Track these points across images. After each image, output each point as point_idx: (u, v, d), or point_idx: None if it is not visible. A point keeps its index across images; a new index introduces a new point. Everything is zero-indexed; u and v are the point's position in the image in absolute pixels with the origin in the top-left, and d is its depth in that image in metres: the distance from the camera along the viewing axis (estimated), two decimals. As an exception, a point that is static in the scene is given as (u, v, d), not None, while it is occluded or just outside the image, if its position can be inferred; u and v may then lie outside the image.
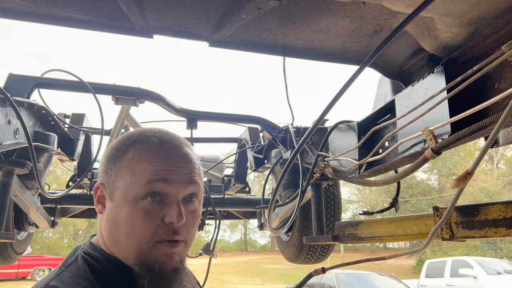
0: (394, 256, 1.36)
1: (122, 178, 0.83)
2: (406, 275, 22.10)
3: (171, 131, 0.93)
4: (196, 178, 0.86)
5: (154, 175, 0.81)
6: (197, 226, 0.89)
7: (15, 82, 1.85)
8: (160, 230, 0.80)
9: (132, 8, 1.38)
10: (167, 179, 0.82)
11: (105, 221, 0.86)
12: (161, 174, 0.82)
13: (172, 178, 0.82)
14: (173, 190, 0.82)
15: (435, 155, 1.05)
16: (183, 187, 0.83)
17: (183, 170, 0.85)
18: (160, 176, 0.81)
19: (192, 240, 0.87)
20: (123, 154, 0.86)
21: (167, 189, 0.82)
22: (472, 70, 1.02)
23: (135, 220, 0.80)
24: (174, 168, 0.84)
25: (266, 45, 1.63)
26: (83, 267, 0.81)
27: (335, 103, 1.34)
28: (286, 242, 3.25)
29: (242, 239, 43.31)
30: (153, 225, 0.80)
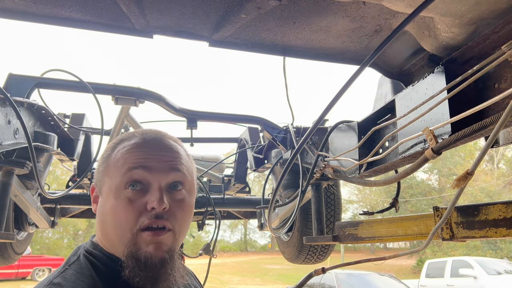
0: (394, 256, 1.36)
1: (108, 173, 0.85)
2: (406, 275, 22.10)
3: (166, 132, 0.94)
4: (179, 166, 0.85)
5: (133, 163, 0.82)
6: (188, 217, 0.87)
7: (15, 82, 1.85)
8: (142, 217, 0.79)
9: (132, 8, 1.38)
10: (147, 166, 0.82)
11: (97, 217, 0.87)
12: (141, 162, 0.82)
13: (152, 165, 0.83)
14: (153, 177, 0.82)
15: (435, 155, 1.05)
16: (164, 173, 0.83)
17: (164, 158, 0.85)
18: (140, 164, 0.82)
19: (182, 232, 0.85)
20: (111, 152, 0.88)
21: (148, 176, 0.82)
22: (472, 70, 1.02)
23: (118, 209, 0.80)
24: (155, 156, 0.84)
25: (266, 45, 1.63)
26: (85, 265, 0.81)
27: (335, 103, 1.34)
28: (286, 242, 3.25)
29: (242, 239, 43.33)
30: (135, 213, 0.80)
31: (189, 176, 0.88)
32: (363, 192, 33.73)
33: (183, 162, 0.88)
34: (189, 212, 0.87)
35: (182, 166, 0.87)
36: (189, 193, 0.87)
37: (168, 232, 0.81)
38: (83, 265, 0.82)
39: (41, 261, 18.70)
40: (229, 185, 3.42)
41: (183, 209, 0.85)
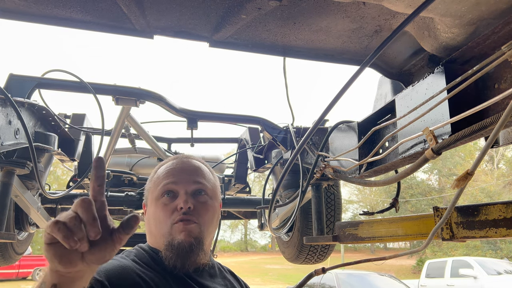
0: (395, 256, 1.37)
1: (151, 190, 1.17)
2: (406, 275, 22.09)
3: (194, 155, 1.27)
4: (200, 179, 1.15)
5: (167, 179, 1.13)
6: (211, 215, 1.12)
7: (15, 83, 1.85)
8: (174, 215, 1.08)
9: (133, 9, 1.38)
10: (176, 181, 1.12)
11: (145, 224, 1.18)
12: (172, 178, 1.13)
13: (179, 179, 1.13)
14: (180, 187, 1.11)
15: (435, 155, 1.05)
16: (188, 184, 1.12)
17: (188, 173, 1.15)
18: (171, 179, 1.13)
19: (206, 225, 1.10)
20: (153, 175, 1.20)
21: (176, 187, 1.11)
22: (472, 70, 1.02)
23: (158, 212, 1.10)
24: (182, 174, 1.14)
25: (267, 46, 1.63)
26: (132, 252, 1.12)
27: (335, 104, 1.34)
28: (287, 242, 3.25)
29: (243, 239, 43.33)
30: (169, 212, 1.08)
31: (209, 185, 1.16)
32: (363, 192, 33.74)
33: (204, 176, 1.17)
34: (212, 211, 1.13)
35: (203, 179, 1.16)
36: (211, 198, 1.15)
37: (194, 224, 1.07)
38: (131, 252, 1.12)
39: (42, 261, 18.68)
40: (230, 185, 3.42)
41: (206, 208, 1.12)
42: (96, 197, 0.70)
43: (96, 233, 0.65)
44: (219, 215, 1.18)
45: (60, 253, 0.65)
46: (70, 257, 0.66)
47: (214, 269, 1.19)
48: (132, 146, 2.99)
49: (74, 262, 0.66)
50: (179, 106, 2.19)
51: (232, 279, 1.24)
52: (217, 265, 1.25)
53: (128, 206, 2.95)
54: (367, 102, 5.22)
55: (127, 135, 2.86)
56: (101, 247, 0.67)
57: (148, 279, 1.01)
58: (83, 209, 0.66)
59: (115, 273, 0.99)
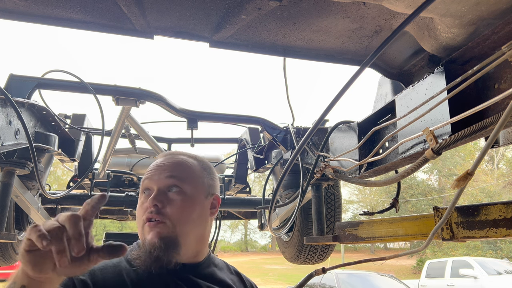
0: (395, 257, 1.37)
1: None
2: (406, 275, 22.09)
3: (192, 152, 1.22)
4: (175, 174, 1.09)
5: (146, 176, 1.11)
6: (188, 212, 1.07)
7: (15, 83, 1.85)
8: (145, 213, 1.05)
9: (133, 9, 1.38)
10: (151, 177, 1.09)
11: None
12: (149, 175, 1.10)
13: (154, 176, 1.09)
14: (154, 184, 1.08)
15: (435, 156, 1.05)
16: (161, 180, 1.08)
17: (165, 169, 1.10)
18: (147, 176, 1.11)
19: (181, 223, 1.05)
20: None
21: (151, 184, 1.09)
22: (472, 71, 1.02)
23: (137, 210, 1.10)
24: (158, 169, 1.10)
25: (267, 46, 1.63)
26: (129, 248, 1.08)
27: (335, 104, 1.34)
28: (287, 242, 3.25)
29: (243, 239, 43.31)
30: (143, 211, 1.06)
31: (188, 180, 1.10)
32: (363, 192, 33.73)
33: (183, 170, 1.11)
34: (188, 207, 1.07)
35: (180, 173, 1.10)
36: (188, 193, 1.08)
37: (160, 224, 1.03)
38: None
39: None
40: (230, 186, 3.42)
41: (177, 206, 1.05)
42: (86, 217, 0.70)
43: (80, 249, 0.66)
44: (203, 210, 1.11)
45: (35, 261, 0.66)
46: (44, 266, 0.67)
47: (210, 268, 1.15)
48: (132, 146, 2.99)
49: (46, 270, 0.67)
50: (179, 106, 2.19)
51: (236, 278, 1.21)
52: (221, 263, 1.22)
53: (128, 206, 2.95)
54: (367, 102, 5.23)
55: (127, 135, 2.86)
56: (76, 263, 0.68)
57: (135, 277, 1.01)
58: (71, 224, 0.66)
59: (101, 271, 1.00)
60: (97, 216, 3.57)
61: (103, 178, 3.02)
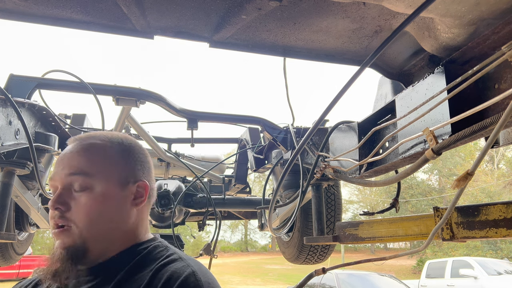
0: (395, 257, 1.37)
1: None
2: (406, 275, 22.08)
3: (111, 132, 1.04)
4: (78, 166, 0.93)
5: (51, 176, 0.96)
6: (91, 213, 0.91)
7: (16, 83, 1.85)
8: (51, 219, 0.92)
9: (133, 9, 1.38)
10: (53, 174, 0.95)
11: None
12: (53, 171, 0.96)
13: (55, 173, 0.95)
14: (56, 182, 0.94)
15: (435, 156, 1.05)
16: (62, 178, 0.93)
17: (67, 162, 0.94)
18: (52, 176, 0.95)
19: (85, 228, 0.90)
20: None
21: (53, 182, 0.94)
22: (473, 71, 1.02)
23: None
24: (61, 163, 0.95)
25: (267, 46, 1.63)
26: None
27: (335, 104, 1.34)
28: (287, 242, 3.25)
29: (243, 239, 43.31)
30: (51, 215, 0.93)
31: (93, 172, 0.93)
32: (364, 192, 33.71)
33: (87, 160, 0.94)
34: (88, 207, 0.91)
35: (81, 166, 0.93)
36: (91, 191, 0.92)
37: (64, 230, 0.90)
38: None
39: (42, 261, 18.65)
40: (230, 186, 3.42)
41: (80, 207, 0.91)
42: None
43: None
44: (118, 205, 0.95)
45: None
46: None
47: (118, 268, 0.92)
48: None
49: None
50: (179, 106, 2.19)
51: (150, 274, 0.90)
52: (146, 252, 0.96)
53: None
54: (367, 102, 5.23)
55: (127, 136, 2.86)
56: None
57: None
58: None
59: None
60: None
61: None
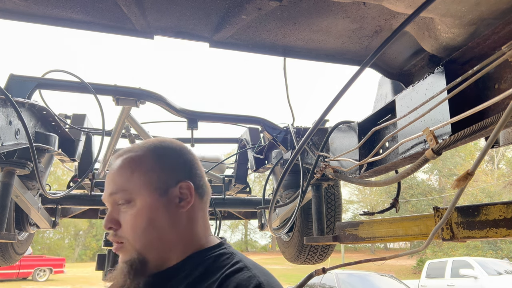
0: (395, 257, 1.37)
1: None
2: (406, 275, 22.08)
3: (145, 141, 1.05)
4: (118, 185, 0.96)
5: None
6: (138, 227, 0.93)
7: (16, 83, 1.85)
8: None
9: (133, 9, 1.38)
10: (104, 198, 0.99)
11: None
12: (102, 197, 1.00)
13: (104, 193, 0.99)
14: (106, 203, 0.98)
15: (435, 156, 1.05)
16: (108, 198, 0.97)
17: (109, 182, 0.98)
18: (103, 198, 1.00)
19: (137, 242, 0.93)
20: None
21: (105, 202, 0.99)
22: (473, 71, 1.02)
23: None
24: (106, 183, 0.99)
25: (267, 46, 1.63)
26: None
27: (335, 104, 1.34)
28: (287, 242, 3.25)
29: (243, 239, 43.31)
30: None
31: (131, 186, 0.95)
32: (364, 192, 33.71)
33: (124, 177, 0.96)
34: (134, 223, 0.94)
35: (122, 183, 0.96)
36: (133, 206, 0.95)
37: (121, 246, 0.94)
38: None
39: (42, 261, 18.70)
40: (230, 186, 3.42)
41: (128, 221, 0.94)
42: None
43: None
44: (164, 212, 0.94)
45: None
46: None
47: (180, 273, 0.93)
48: (132, 146, 2.98)
49: None
50: (179, 106, 2.19)
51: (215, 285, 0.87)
52: (212, 261, 0.94)
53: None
54: (367, 102, 5.22)
55: (128, 136, 2.86)
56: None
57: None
58: None
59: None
60: (97, 216, 3.57)
61: (103, 178, 3.01)
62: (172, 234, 0.95)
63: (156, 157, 0.98)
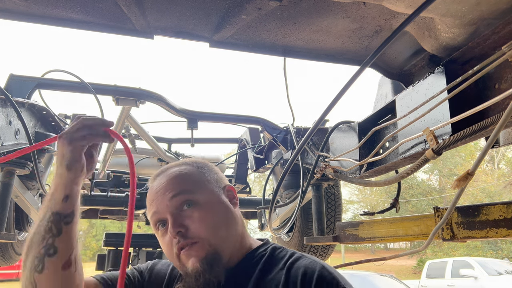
0: (395, 257, 1.37)
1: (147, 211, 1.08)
2: (407, 275, 22.08)
3: (189, 160, 1.13)
4: (175, 191, 1.01)
5: (152, 208, 1.03)
6: (209, 222, 0.98)
7: (16, 83, 1.85)
8: (174, 246, 0.98)
9: (133, 9, 1.38)
10: (158, 207, 1.01)
11: None
12: (155, 206, 1.02)
13: (161, 204, 1.01)
14: (162, 214, 1.00)
15: (435, 156, 1.05)
16: (168, 206, 1.00)
17: (167, 191, 1.02)
18: (155, 208, 1.02)
19: (211, 236, 0.97)
20: (148, 193, 1.09)
21: (162, 215, 1.01)
22: (473, 71, 1.02)
23: (161, 245, 1.04)
24: (162, 195, 1.02)
25: (267, 46, 1.63)
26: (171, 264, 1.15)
27: (335, 104, 1.34)
28: (287, 242, 3.25)
29: (243, 239, 43.27)
30: (170, 246, 1.00)
31: (194, 188, 1.02)
32: (364, 192, 33.71)
33: (184, 182, 1.03)
34: (205, 219, 0.99)
35: (179, 187, 1.02)
36: (201, 202, 1.01)
37: (195, 245, 0.96)
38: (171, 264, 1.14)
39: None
40: (230, 186, 3.41)
41: (199, 220, 0.98)
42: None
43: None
44: (225, 208, 1.03)
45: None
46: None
47: (250, 262, 1.01)
48: (132, 146, 2.99)
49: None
50: (179, 106, 2.19)
51: (283, 272, 0.95)
52: (269, 254, 1.02)
53: (128, 206, 2.95)
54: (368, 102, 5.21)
55: (128, 136, 2.86)
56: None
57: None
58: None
59: (156, 271, 1.12)
60: (97, 216, 3.57)
61: (103, 178, 3.02)
62: (237, 229, 1.04)
63: (199, 168, 1.09)
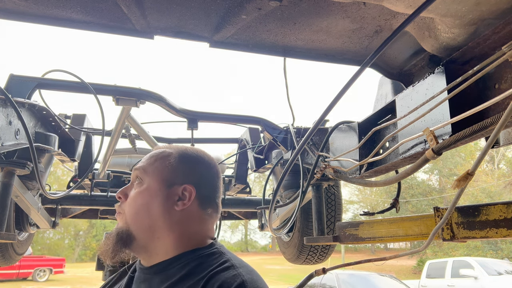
0: (395, 257, 1.36)
1: None
2: (407, 275, 22.08)
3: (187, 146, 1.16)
4: (140, 165, 1.09)
5: None
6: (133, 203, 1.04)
7: (16, 83, 1.85)
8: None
9: (133, 9, 1.38)
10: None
11: None
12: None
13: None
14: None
15: (435, 156, 1.05)
16: (132, 174, 1.12)
17: (138, 163, 1.12)
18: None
19: (129, 216, 1.03)
20: None
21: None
22: (473, 71, 1.02)
23: None
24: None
25: (267, 46, 1.63)
26: None
27: (335, 104, 1.34)
28: (287, 242, 3.25)
29: (243, 239, 43.32)
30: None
31: (148, 170, 1.06)
32: (364, 192, 33.71)
33: (150, 160, 1.09)
34: (133, 198, 1.05)
35: (145, 163, 1.08)
36: (141, 185, 1.05)
37: (120, 214, 1.06)
38: None
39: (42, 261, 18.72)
40: (230, 186, 3.42)
41: (131, 197, 1.05)
42: None
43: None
44: (158, 201, 1.01)
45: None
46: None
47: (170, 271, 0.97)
48: (132, 146, 2.99)
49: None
50: (179, 106, 2.19)
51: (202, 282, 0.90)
52: (200, 261, 0.97)
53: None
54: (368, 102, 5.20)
55: (128, 136, 2.87)
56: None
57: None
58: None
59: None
60: (97, 216, 3.57)
61: (103, 178, 3.02)
62: (161, 225, 1.01)
63: (180, 158, 1.08)
